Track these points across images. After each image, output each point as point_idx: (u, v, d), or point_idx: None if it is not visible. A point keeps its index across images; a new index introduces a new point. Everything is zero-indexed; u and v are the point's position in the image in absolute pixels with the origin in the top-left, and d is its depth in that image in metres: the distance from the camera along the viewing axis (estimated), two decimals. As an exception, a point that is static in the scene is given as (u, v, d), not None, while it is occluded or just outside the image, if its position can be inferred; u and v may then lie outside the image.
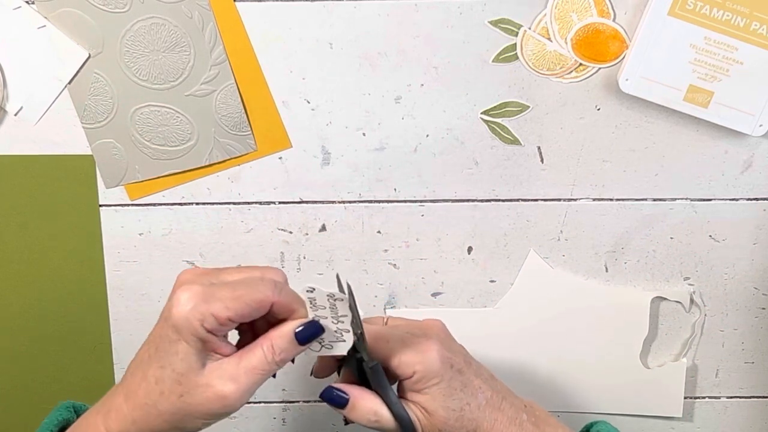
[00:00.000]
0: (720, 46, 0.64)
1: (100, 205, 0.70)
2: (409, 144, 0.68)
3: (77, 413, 0.59)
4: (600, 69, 0.66)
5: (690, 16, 0.63)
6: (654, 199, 0.70)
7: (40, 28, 0.64)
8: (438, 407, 0.53)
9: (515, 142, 0.68)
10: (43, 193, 0.69)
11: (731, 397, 0.76)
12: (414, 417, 0.53)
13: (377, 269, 0.72)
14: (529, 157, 0.69)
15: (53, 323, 0.72)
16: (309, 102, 0.67)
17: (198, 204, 0.70)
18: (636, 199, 0.70)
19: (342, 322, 0.50)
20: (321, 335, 0.50)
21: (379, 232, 0.71)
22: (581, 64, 0.66)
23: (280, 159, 0.69)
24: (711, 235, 0.71)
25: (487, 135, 0.68)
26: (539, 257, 0.71)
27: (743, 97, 0.65)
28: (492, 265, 0.72)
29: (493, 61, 0.66)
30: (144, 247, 0.71)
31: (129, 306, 0.72)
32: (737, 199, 0.70)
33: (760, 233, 0.71)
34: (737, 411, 0.76)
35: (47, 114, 0.67)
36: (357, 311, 0.52)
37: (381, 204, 0.70)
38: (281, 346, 0.49)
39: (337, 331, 0.50)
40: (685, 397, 0.74)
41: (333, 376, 0.57)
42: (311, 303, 0.49)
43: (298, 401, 0.76)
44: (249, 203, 0.70)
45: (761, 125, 0.66)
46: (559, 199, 0.70)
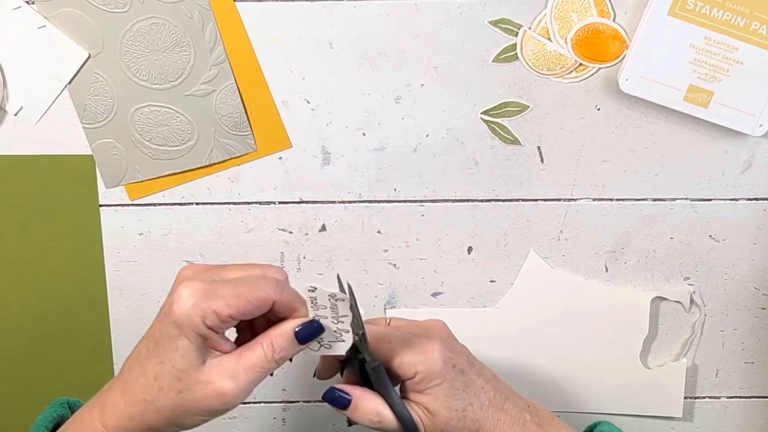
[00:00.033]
0: (720, 46, 0.64)
1: (100, 205, 0.70)
2: (409, 144, 0.68)
3: (72, 409, 0.59)
4: (600, 69, 0.66)
5: (690, 16, 0.63)
6: (654, 199, 0.70)
7: (40, 28, 0.64)
8: (440, 407, 0.53)
9: (515, 142, 0.68)
10: (43, 193, 0.69)
11: (731, 397, 0.76)
12: (416, 417, 0.53)
13: (377, 269, 0.72)
14: (529, 157, 0.69)
15: (53, 323, 0.72)
16: (309, 102, 0.67)
17: (198, 204, 0.70)
18: (636, 199, 0.70)
19: (342, 322, 0.50)
20: (321, 335, 0.50)
21: (379, 232, 0.71)
22: (581, 64, 0.66)
23: (280, 159, 0.69)
24: (711, 235, 0.71)
25: (487, 135, 0.68)
26: (539, 257, 0.71)
27: (743, 97, 0.65)
28: (492, 265, 0.72)
29: (493, 61, 0.66)
30: (144, 247, 0.71)
31: (129, 306, 0.72)
32: (737, 199, 0.70)
33: (760, 233, 0.71)
34: (737, 411, 0.76)
35: (47, 114, 0.67)
36: (358, 312, 0.52)
37: (381, 204, 0.70)
38: (281, 344, 0.49)
39: (337, 331, 0.50)
40: (685, 397, 0.74)
41: (336, 377, 0.57)
42: (312, 302, 0.49)
43: (298, 401, 0.76)
44: (249, 203, 0.70)
45: (761, 125, 0.66)
46: (559, 199, 0.70)
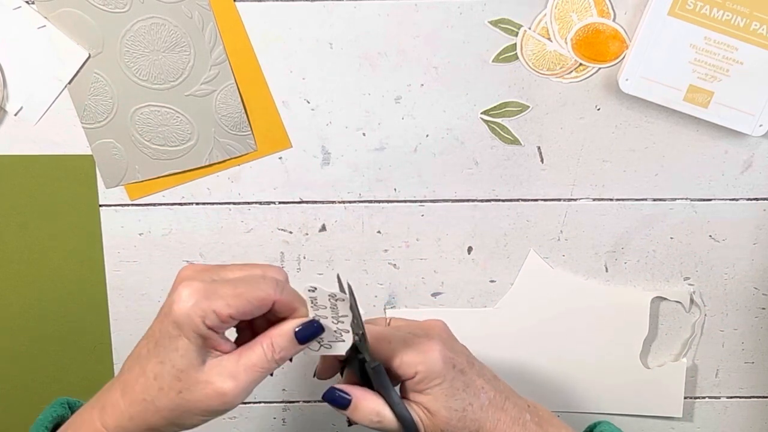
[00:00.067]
0: (720, 46, 0.64)
1: (100, 205, 0.69)
2: (409, 144, 0.68)
3: (72, 409, 0.59)
4: (600, 69, 0.66)
5: (690, 16, 0.63)
6: (654, 199, 0.70)
7: (40, 28, 0.64)
8: (440, 407, 0.53)
9: (515, 142, 0.68)
10: (43, 193, 0.69)
11: (731, 397, 0.76)
12: (416, 417, 0.53)
13: (377, 269, 0.72)
14: (529, 157, 0.69)
15: (53, 323, 0.72)
16: (309, 102, 0.67)
17: (198, 204, 0.70)
18: (636, 199, 0.70)
19: (342, 322, 0.50)
20: (321, 335, 0.50)
21: (379, 232, 0.71)
22: (581, 64, 0.66)
23: (280, 159, 0.69)
24: (711, 235, 0.71)
25: (487, 135, 0.68)
26: (539, 257, 0.71)
27: (743, 97, 0.65)
28: (492, 265, 0.72)
29: (493, 61, 0.66)
30: (144, 247, 0.71)
31: (129, 306, 0.72)
32: (737, 199, 0.70)
33: (760, 233, 0.71)
34: (737, 411, 0.76)
35: (47, 114, 0.67)
36: (358, 312, 0.52)
37: (381, 204, 0.70)
38: (281, 344, 0.49)
39: (337, 331, 0.50)
40: (685, 397, 0.74)
41: (336, 377, 0.57)
42: (312, 302, 0.49)
43: (298, 401, 0.76)
44: (249, 203, 0.70)
45: (761, 125, 0.66)
46: (559, 199, 0.70)
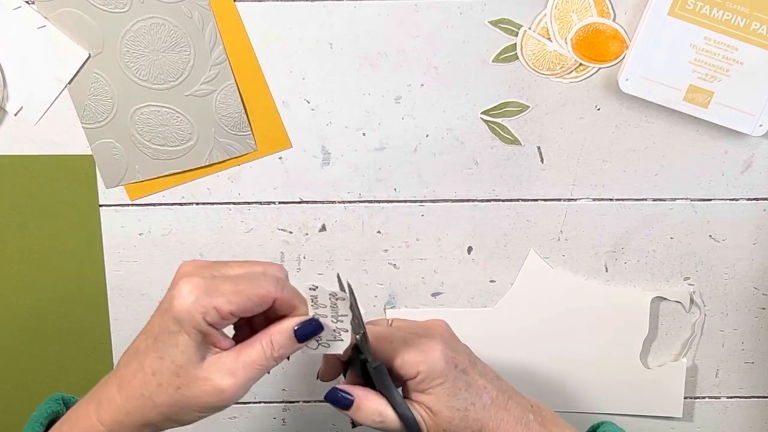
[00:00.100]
0: (720, 46, 0.64)
1: (100, 205, 0.70)
2: (409, 144, 0.68)
3: (67, 405, 0.58)
4: (600, 69, 0.66)
5: (690, 16, 0.63)
6: (654, 199, 0.70)
7: (40, 28, 0.64)
8: (442, 407, 0.53)
9: (515, 142, 0.68)
10: (43, 193, 0.69)
11: (731, 397, 0.76)
12: (419, 417, 0.53)
13: (377, 269, 0.72)
14: (529, 157, 0.69)
15: (53, 323, 0.72)
16: (309, 102, 0.67)
17: (198, 204, 0.70)
18: (636, 199, 0.70)
19: (341, 321, 0.50)
20: (319, 333, 0.50)
21: (379, 232, 0.71)
22: (581, 64, 0.66)
23: (280, 159, 0.69)
24: (711, 235, 0.71)
25: (487, 135, 0.68)
26: (539, 257, 0.71)
27: (743, 97, 0.65)
28: (492, 265, 0.72)
29: (493, 61, 0.66)
30: (144, 247, 0.71)
31: (129, 306, 0.72)
32: (737, 199, 0.70)
33: (760, 233, 0.71)
34: (737, 411, 0.76)
35: (47, 114, 0.67)
36: (359, 312, 0.52)
37: (381, 204, 0.70)
38: (280, 342, 0.49)
39: (336, 331, 0.50)
40: (685, 397, 0.74)
41: (339, 378, 0.57)
42: (312, 301, 0.49)
43: (298, 401, 0.76)
44: (249, 203, 0.70)
45: (761, 125, 0.66)
46: (559, 199, 0.70)
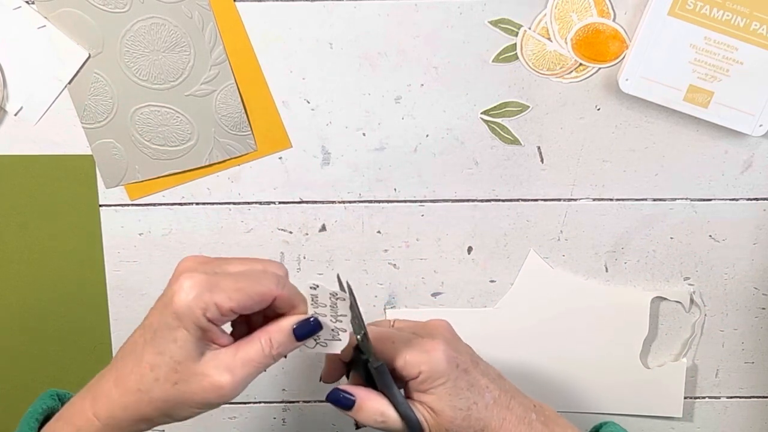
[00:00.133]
0: (720, 46, 0.64)
1: (100, 205, 0.70)
2: (409, 144, 0.68)
3: (62, 401, 0.58)
4: (600, 69, 0.66)
5: (690, 16, 0.63)
6: (654, 199, 0.70)
7: (40, 28, 0.64)
8: (445, 407, 0.53)
9: (515, 142, 0.68)
10: (43, 193, 0.69)
11: (731, 397, 0.76)
12: (421, 417, 0.53)
13: (377, 269, 0.72)
14: (529, 157, 0.69)
15: (53, 323, 0.72)
16: (309, 102, 0.67)
17: (198, 204, 0.70)
18: (636, 199, 0.70)
19: (340, 321, 0.50)
20: (318, 332, 0.50)
21: (379, 232, 0.71)
22: (581, 64, 0.66)
23: (280, 159, 0.69)
24: (711, 235, 0.71)
25: (487, 135, 0.68)
26: (539, 257, 0.71)
27: (743, 97, 0.65)
28: (492, 265, 0.72)
29: (493, 61, 0.66)
30: (144, 247, 0.71)
31: (129, 306, 0.72)
32: (737, 199, 0.70)
33: (760, 233, 0.71)
34: (737, 411, 0.76)
35: (47, 114, 0.67)
36: (359, 312, 0.52)
37: (381, 204, 0.70)
38: (279, 340, 0.49)
39: (334, 330, 0.51)
40: (685, 397, 0.74)
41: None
42: (313, 300, 0.50)
43: (298, 401, 0.76)
44: (249, 203, 0.70)
45: (761, 125, 0.66)
46: (559, 199, 0.70)
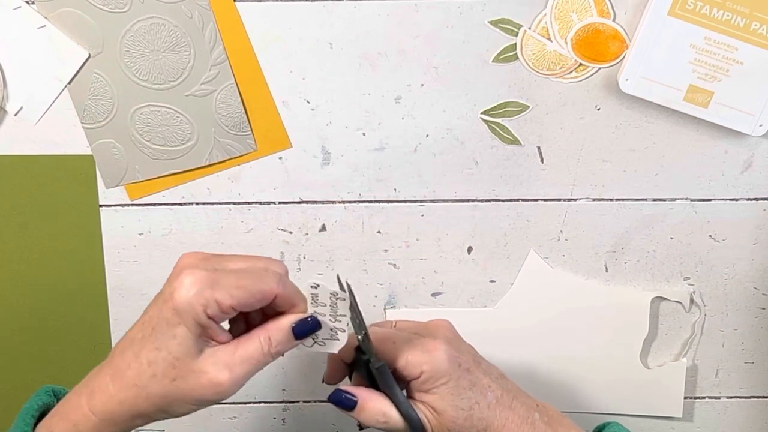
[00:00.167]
0: (720, 46, 0.64)
1: (100, 205, 0.70)
2: (409, 144, 0.68)
3: (57, 397, 0.57)
4: (600, 69, 0.66)
5: (690, 16, 0.63)
6: (654, 199, 0.70)
7: (40, 28, 0.64)
8: (447, 406, 0.53)
9: (515, 142, 0.68)
10: (43, 193, 0.69)
11: (731, 397, 0.76)
12: (423, 417, 0.53)
13: (377, 269, 0.72)
14: (529, 157, 0.69)
15: (53, 323, 0.72)
16: (309, 102, 0.67)
17: (198, 204, 0.70)
18: (636, 199, 0.70)
19: (339, 321, 0.50)
20: (317, 332, 0.50)
21: (379, 232, 0.71)
22: (581, 64, 0.66)
23: (280, 159, 0.69)
24: (711, 235, 0.71)
25: (487, 135, 0.68)
26: (539, 257, 0.71)
27: (743, 97, 0.65)
28: (492, 265, 0.72)
29: (493, 61, 0.66)
30: (144, 247, 0.71)
31: (129, 306, 0.72)
32: (737, 199, 0.70)
33: (760, 233, 0.71)
34: (737, 411, 0.76)
35: (47, 114, 0.67)
36: (360, 312, 0.52)
37: (381, 204, 0.70)
38: (278, 338, 0.49)
39: (333, 330, 0.51)
40: (685, 397, 0.74)
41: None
42: (313, 299, 0.50)
43: (298, 401, 0.76)
44: (249, 203, 0.70)
45: (761, 125, 0.66)
46: (559, 199, 0.70)
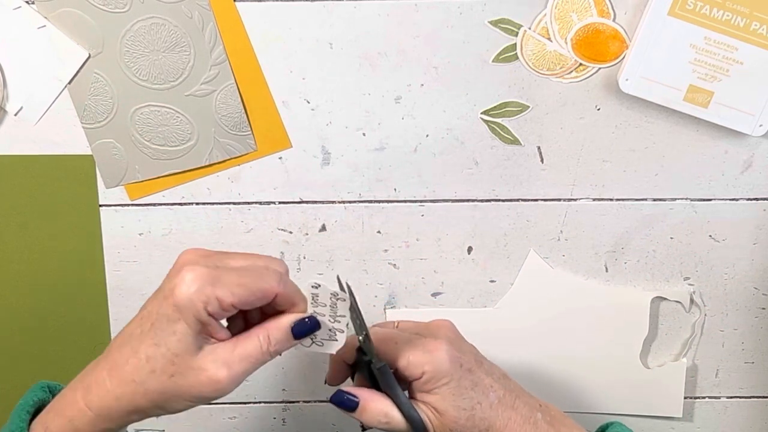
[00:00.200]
0: (720, 46, 0.64)
1: (100, 205, 0.70)
2: (409, 144, 0.68)
3: (52, 393, 0.57)
4: (600, 69, 0.66)
5: (690, 16, 0.63)
6: (654, 199, 0.70)
7: (40, 28, 0.64)
8: (448, 407, 0.53)
9: (515, 142, 0.68)
10: (43, 193, 0.69)
11: (731, 397, 0.76)
12: (425, 417, 0.53)
13: (377, 269, 0.72)
14: (529, 157, 0.69)
15: (53, 323, 0.72)
16: (309, 102, 0.67)
17: (198, 204, 0.70)
18: (636, 199, 0.70)
19: (338, 321, 0.50)
20: (316, 332, 0.50)
21: (379, 232, 0.71)
22: (581, 64, 0.66)
23: (280, 159, 0.69)
24: (711, 235, 0.71)
25: (487, 135, 0.68)
26: (539, 257, 0.71)
27: (743, 97, 0.65)
28: (492, 265, 0.72)
29: (493, 61, 0.66)
30: (144, 247, 0.71)
31: (129, 306, 0.72)
32: (737, 199, 0.70)
33: (760, 233, 0.71)
34: (737, 411, 0.76)
35: (47, 114, 0.67)
36: (360, 313, 0.52)
37: (381, 204, 0.70)
38: (277, 337, 0.49)
39: (332, 330, 0.51)
40: (685, 397, 0.74)
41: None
42: (313, 298, 0.50)
43: (298, 401, 0.76)
44: (249, 203, 0.70)
45: (761, 125, 0.66)
46: (559, 199, 0.70)
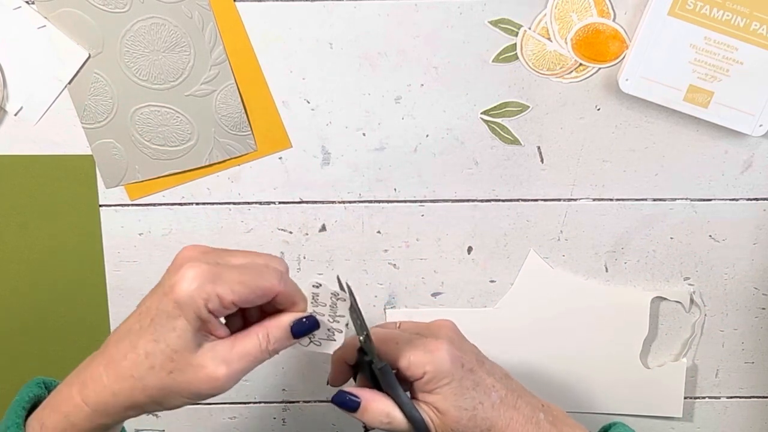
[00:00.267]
0: (720, 46, 0.64)
1: (100, 205, 0.70)
2: (409, 144, 0.68)
3: (48, 389, 0.57)
4: (600, 69, 0.66)
5: (690, 16, 0.63)
6: (654, 199, 0.70)
7: (40, 28, 0.64)
8: (450, 407, 0.53)
9: (515, 142, 0.68)
10: (43, 193, 0.69)
11: (731, 397, 0.76)
12: (426, 417, 0.53)
13: (377, 269, 0.72)
14: (529, 157, 0.69)
15: (53, 323, 0.72)
16: (309, 102, 0.67)
17: (198, 204, 0.70)
18: (636, 199, 0.70)
19: (338, 321, 0.50)
20: (315, 331, 0.50)
21: (379, 232, 0.71)
22: (581, 64, 0.66)
23: (280, 159, 0.69)
24: (711, 235, 0.71)
25: (487, 135, 0.68)
26: (539, 257, 0.71)
27: (743, 97, 0.65)
28: (492, 265, 0.72)
29: (493, 61, 0.66)
30: (144, 247, 0.71)
31: (129, 306, 0.72)
32: (737, 199, 0.70)
33: (760, 233, 0.71)
34: (737, 411, 0.76)
35: (47, 114, 0.67)
36: (361, 314, 0.52)
37: (381, 204, 0.70)
38: (276, 336, 0.49)
39: (330, 330, 0.51)
40: (685, 397, 0.74)
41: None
42: (313, 298, 0.50)
43: (298, 401, 0.76)
44: (249, 203, 0.70)
45: (761, 125, 0.66)
46: (559, 199, 0.70)
